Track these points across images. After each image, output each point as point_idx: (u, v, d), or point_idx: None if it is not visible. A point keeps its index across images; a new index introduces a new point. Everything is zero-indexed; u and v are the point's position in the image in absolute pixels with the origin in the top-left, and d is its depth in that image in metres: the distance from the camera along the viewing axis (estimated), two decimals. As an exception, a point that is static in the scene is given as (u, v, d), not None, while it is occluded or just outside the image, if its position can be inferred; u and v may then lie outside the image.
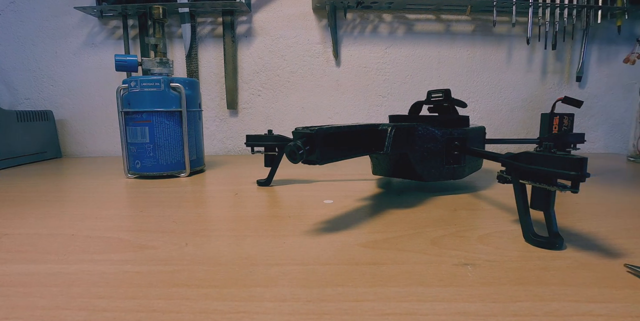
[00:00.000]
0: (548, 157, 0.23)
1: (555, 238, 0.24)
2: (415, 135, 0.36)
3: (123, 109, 0.50)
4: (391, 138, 0.31)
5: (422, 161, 0.36)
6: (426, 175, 0.37)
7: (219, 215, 0.32)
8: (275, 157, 0.46)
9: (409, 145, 0.35)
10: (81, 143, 0.83)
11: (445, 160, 0.37)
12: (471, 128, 0.40)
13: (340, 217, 0.32)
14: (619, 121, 0.85)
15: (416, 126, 0.36)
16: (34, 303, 0.17)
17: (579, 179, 0.21)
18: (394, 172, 0.41)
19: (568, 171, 0.21)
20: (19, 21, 0.78)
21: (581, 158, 0.21)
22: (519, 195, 0.25)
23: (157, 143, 0.50)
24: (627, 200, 0.37)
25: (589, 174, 0.21)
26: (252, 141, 0.45)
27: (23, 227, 0.29)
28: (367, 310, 0.17)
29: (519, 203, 0.25)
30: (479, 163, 0.43)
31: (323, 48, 0.80)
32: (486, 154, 0.34)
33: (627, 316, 0.16)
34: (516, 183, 0.25)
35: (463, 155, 0.38)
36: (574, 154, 0.22)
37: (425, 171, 0.37)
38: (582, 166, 0.21)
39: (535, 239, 0.24)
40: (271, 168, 0.46)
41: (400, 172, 0.40)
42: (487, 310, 0.17)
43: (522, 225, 0.26)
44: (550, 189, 0.23)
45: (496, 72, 0.82)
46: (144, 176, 0.51)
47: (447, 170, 0.38)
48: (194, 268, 0.21)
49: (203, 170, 0.57)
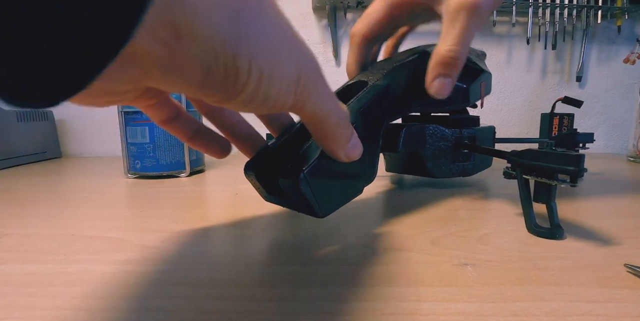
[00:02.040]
0: (550, 154, 0.25)
1: (557, 229, 0.25)
2: (426, 134, 0.37)
3: (123, 109, 0.50)
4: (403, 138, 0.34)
5: (433, 159, 0.38)
6: (437, 172, 0.39)
7: (219, 215, 0.32)
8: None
9: (421, 144, 0.36)
10: (81, 143, 0.83)
11: (455, 157, 0.39)
12: (481, 127, 0.41)
13: (340, 216, 0.32)
14: (619, 121, 0.85)
15: (427, 126, 0.37)
16: (34, 303, 0.17)
17: (576, 174, 0.23)
18: (407, 169, 0.42)
19: (567, 166, 0.23)
20: (19, 21, 0.78)
21: (579, 154, 0.23)
22: (523, 189, 0.27)
23: (157, 143, 0.50)
24: (627, 200, 0.37)
25: (586, 169, 0.23)
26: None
27: (23, 227, 0.29)
28: (367, 310, 0.17)
29: (523, 197, 0.27)
30: (489, 162, 0.44)
31: (323, 48, 0.80)
32: (493, 152, 0.36)
33: (627, 316, 0.16)
34: (520, 178, 0.27)
35: (472, 153, 0.40)
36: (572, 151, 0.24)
37: (436, 168, 0.38)
38: (580, 162, 0.23)
39: (537, 230, 0.26)
40: None
41: (413, 169, 0.41)
42: (487, 310, 0.17)
43: (525, 217, 0.27)
44: (551, 183, 0.25)
45: (496, 72, 0.82)
46: (144, 176, 0.51)
47: (456, 167, 0.40)
48: (194, 268, 0.21)
49: (203, 170, 0.57)
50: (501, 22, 0.80)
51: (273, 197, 0.25)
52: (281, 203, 0.26)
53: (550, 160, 0.25)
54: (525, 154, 0.27)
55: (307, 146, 0.23)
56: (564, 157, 0.24)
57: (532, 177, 0.26)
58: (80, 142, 0.83)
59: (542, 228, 0.26)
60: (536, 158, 0.26)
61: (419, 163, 0.38)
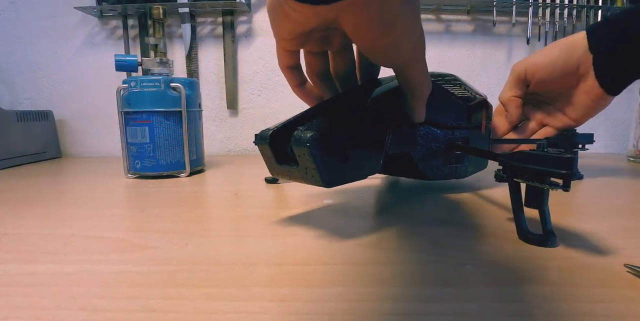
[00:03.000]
0: (540, 156, 0.23)
1: (548, 235, 0.24)
2: (417, 135, 0.36)
3: (123, 109, 0.50)
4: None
5: (423, 160, 0.37)
6: (429, 173, 0.38)
7: (219, 215, 0.32)
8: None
9: (412, 145, 0.36)
10: (81, 143, 0.83)
11: (447, 159, 0.38)
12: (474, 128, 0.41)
13: (340, 216, 0.32)
14: (619, 121, 0.85)
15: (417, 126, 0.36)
16: (34, 303, 0.17)
17: (568, 177, 0.22)
18: (398, 170, 0.41)
19: (558, 169, 0.22)
20: (19, 21, 0.78)
21: (570, 157, 0.22)
22: (513, 193, 0.26)
23: (157, 143, 0.50)
24: (627, 200, 0.38)
25: (580, 174, 0.22)
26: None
27: (23, 227, 0.29)
28: (367, 310, 0.17)
29: (514, 202, 0.26)
30: (484, 164, 0.43)
31: (323, 48, 0.80)
32: (485, 153, 0.35)
33: (627, 316, 0.16)
34: (511, 182, 0.26)
35: (465, 154, 0.39)
36: (565, 153, 0.23)
37: (427, 169, 0.38)
38: (571, 165, 0.22)
39: (528, 236, 0.25)
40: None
41: (404, 171, 0.40)
42: (487, 310, 0.17)
43: (516, 223, 0.26)
44: (543, 187, 0.24)
45: (496, 72, 0.82)
46: (144, 176, 0.51)
47: (449, 169, 0.39)
48: (194, 268, 0.21)
49: (203, 170, 0.57)
50: (501, 22, 0.80)
51: (281, 167, 0.27)
52: (287, 175, 0.27)
53: (541, 163, 0.23)
54: (516, 156, 0.26)
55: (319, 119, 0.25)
56: (555, 159, 0.22)
57: (523, 180, 0.25)
58: (80, 142, 0.83)
59: (534, 235, 0.25)
60: (527, 161, 0.24)
61: (410, 164, 0.37)
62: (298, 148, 0.24)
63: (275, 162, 0.27)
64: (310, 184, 0.26)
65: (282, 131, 0.26)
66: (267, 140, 0.26)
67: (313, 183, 0.25)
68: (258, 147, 0.27)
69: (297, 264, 0.22)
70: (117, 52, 0.80)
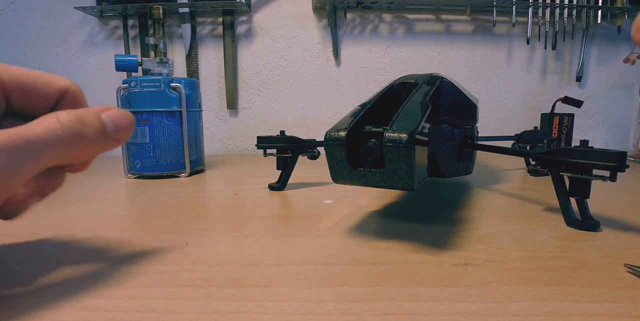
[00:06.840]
0: (588, 152, 0.26)
1: (592, 221, 0.27)
2: (440, 133, 0.36)
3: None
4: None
5: (444, 158, 0.37)
6: (446, 171, 0.38)
7: (219, 215, 0.32)
8: (288, 159, 0.43)
9: (436, 143, 0.36)
10: (81, 143, 0.83)
11: (460, 156, 0.39)
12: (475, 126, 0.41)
13: (340, 216, 0.32)
14: (619, 121, 0.85)
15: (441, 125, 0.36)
16: (35, 303, 0.17)
17: (618, 170, 0.25)
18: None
19: (610, 163, 0.25)
20: (19, 21, 0.78)
21: (621, 152, 0.25)
22: (560, 185, 0.29)
23: (157, 143, 0.50)
24: (627, 200, 0.38)
25: (628, 165, 0.25)
26: (264, 142, 0.42)
27: (23, 227, 0.29)
28: (367, 310, 0.17)
29: (560, 193, 0.29)
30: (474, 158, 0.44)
31: (323, 48, 0.80)
32: (514, 151, 0.37)
33: (627, 316, 0.16)
34: (556, 176, 0.29)
35: (474, 151, 0.40)
36: (611, 149, 0.26)
37: (445, 167, 0.38)
38: (623, 158, 0.25)
39: (578, 223, 0.28)
40: (285, 172, 0.43)
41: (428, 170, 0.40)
42: (487, 310, 0.17)
43: (563, 212, 0.29)
44: (590, 179, 0.27)
45: (496, 72, 0.82)
46: (144, 176, 0.51)
47: (462, 166, 0.40)
48: (194, 268, 0.21)
49: (203, 170, 0.57)
50: (501, 22, 0.80)
51: (355, 172, 0.24)
52: (361, 180, 0.24)
53: (589, 157, 0.26)
54: (560, 152, 0.28)
55: (400, 113, 0.25)
56: (606, 154, 0.25)
57: (570, 173, 0.28)
58: (80, 142, 0.82)
59: (581, 221, 0.28)
60: (573, 156, 0.27)
61: (433, 163, 0.37)
62: (393, 150, 0.22)
63: (349, 166, 0.24)
64: (391, 188, 0.23)
65: (353, 131, 0.24)
66: (344, 141, 0.23)
67: (397, 187, 0.23)
68: (327, 149, 0.24)
69: (297, 264, 0.22)
70: (117, 52, 0.80)
